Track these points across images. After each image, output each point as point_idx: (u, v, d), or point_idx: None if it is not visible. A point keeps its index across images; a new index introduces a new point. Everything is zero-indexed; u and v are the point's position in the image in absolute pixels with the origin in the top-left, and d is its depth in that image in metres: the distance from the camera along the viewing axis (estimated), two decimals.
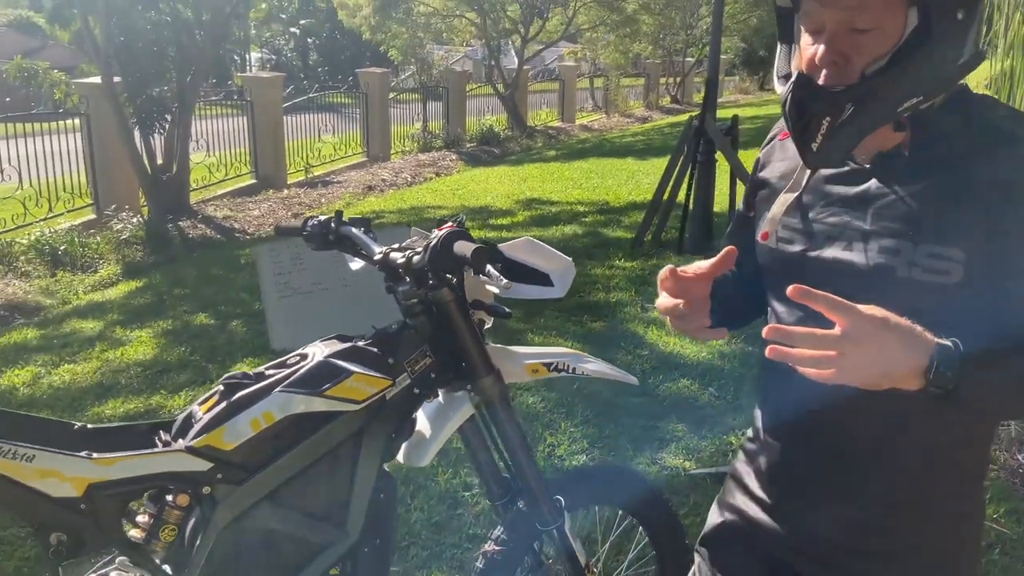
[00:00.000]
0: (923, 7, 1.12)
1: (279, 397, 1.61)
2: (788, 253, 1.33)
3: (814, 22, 1.20)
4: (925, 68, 1.15)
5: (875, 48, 1.16)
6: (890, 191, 1.22)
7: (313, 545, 1.66)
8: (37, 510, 1.48)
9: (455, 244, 1.57)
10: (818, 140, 1.20)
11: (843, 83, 1.18)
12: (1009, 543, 2.93)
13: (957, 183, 1.17)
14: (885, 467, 1.30)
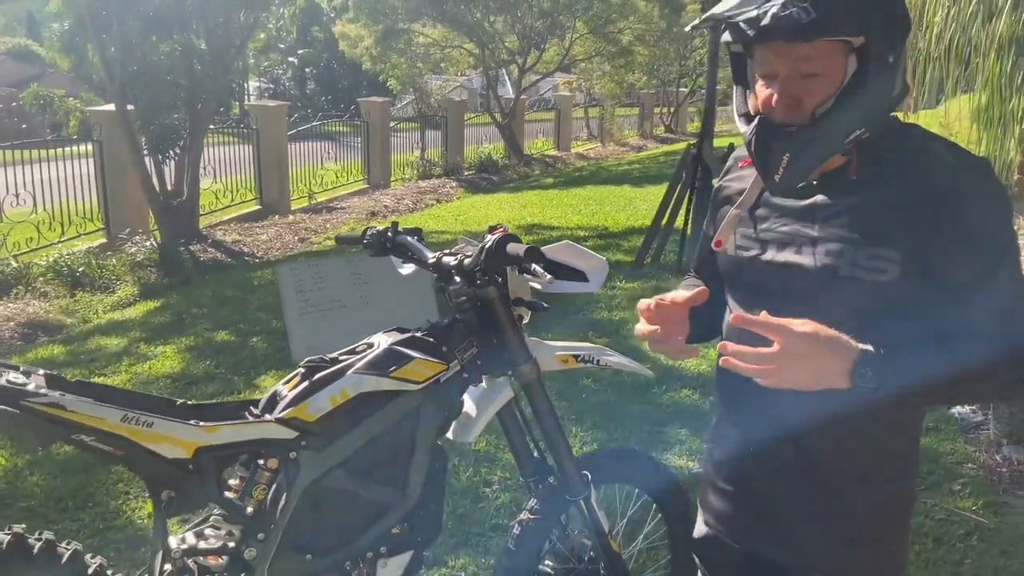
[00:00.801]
0: (860, 54, 1.37)
1: (353, 377, 1.89)
2: (746, 258, 1.56)
3: (768, 68, 1.43)
4: (865, 104, 1.39)
5: (822, 91, 1.39)
6: (835, 204, 1.46)
7: (380, 506, 1.93)
8: (153, 469, 1.75)
9: (508, 245, 1.86)
10: (780, 172, 1.43)
11: (797, 122, 1.41)
12: (986, 531, 3.21)
13: (894, 196, 1.41)
14: (831, 451, 1.53)
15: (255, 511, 1.85)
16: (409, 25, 18.56)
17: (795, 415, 1.52)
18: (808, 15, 1.31)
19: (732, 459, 1.67)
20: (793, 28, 1.32)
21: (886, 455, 1.55)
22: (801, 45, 1.36)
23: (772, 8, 1.33)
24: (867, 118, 1.41)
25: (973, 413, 4.26)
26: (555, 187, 14.55)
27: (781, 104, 1.41)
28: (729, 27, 1.43)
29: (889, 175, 1.43)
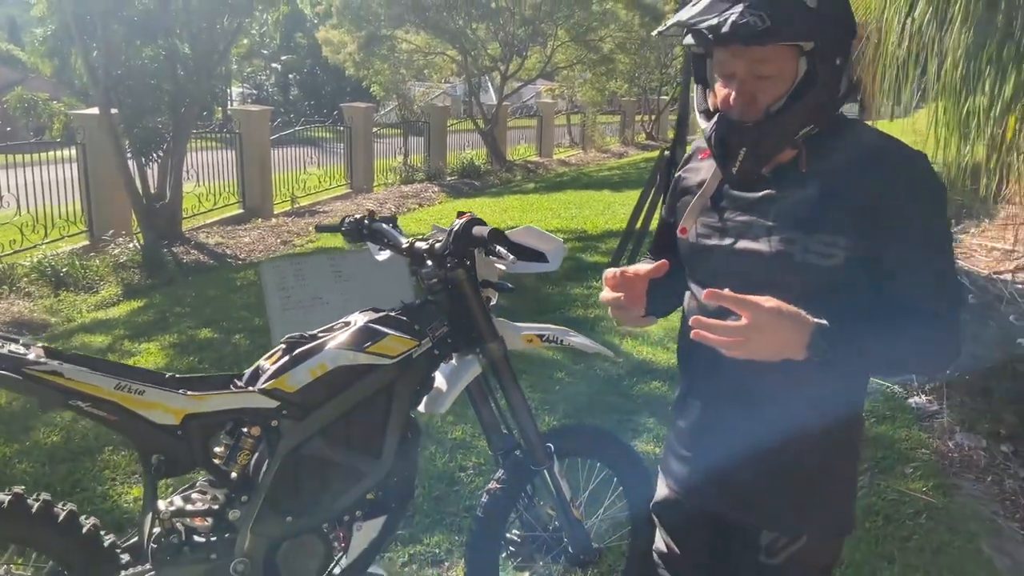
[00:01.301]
0: (810, 58, 1.53)
1: (331, 352, 2.03)
2: (707, 245, 1.72)
3: (726, 69, 1.58)
4: (814, 103, 1.55)
5: (776, 90, 1.55)
6: (787, 195, 1.61)
7: (355, 472, 2.07)
8: (143, 435, 1.89)
9: (474, 228, 2.02)
10: (737, 164, 1.59)
11: (752, 119, 1.56)
12: (934, 511, 3.38)
13: (841, 187, 1.57)
14: (782, 417, 1.67)
15: (239, 475, 1.99)
16: (392, 31, 18.70)
17: (750, 387, 1.68)
18: (763, 23, 1.46)
19: (692, 427, 1.84)
20: (750, 35, 1.47)
21: (832, 422, 1.70)
22: (756, 49, 1.52)
23: (731, 16, 1.48)
24: (815, 115, 1.57)
25: (929, 403, 4.45)
26: (536, 192, 14.73)
27: (738, 102, 1.56)
28: (692, 32, 1.57)
29: (835, 167, 1.59)
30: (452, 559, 3.06)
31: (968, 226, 7.89)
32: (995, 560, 3.11)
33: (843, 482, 1.77)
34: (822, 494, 1.73)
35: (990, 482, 3.72)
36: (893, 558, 3.07)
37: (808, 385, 1.64)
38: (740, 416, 1.72)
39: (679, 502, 1.89)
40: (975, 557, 3.10)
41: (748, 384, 1.69)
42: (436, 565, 3.05)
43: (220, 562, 1.97)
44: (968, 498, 3.55)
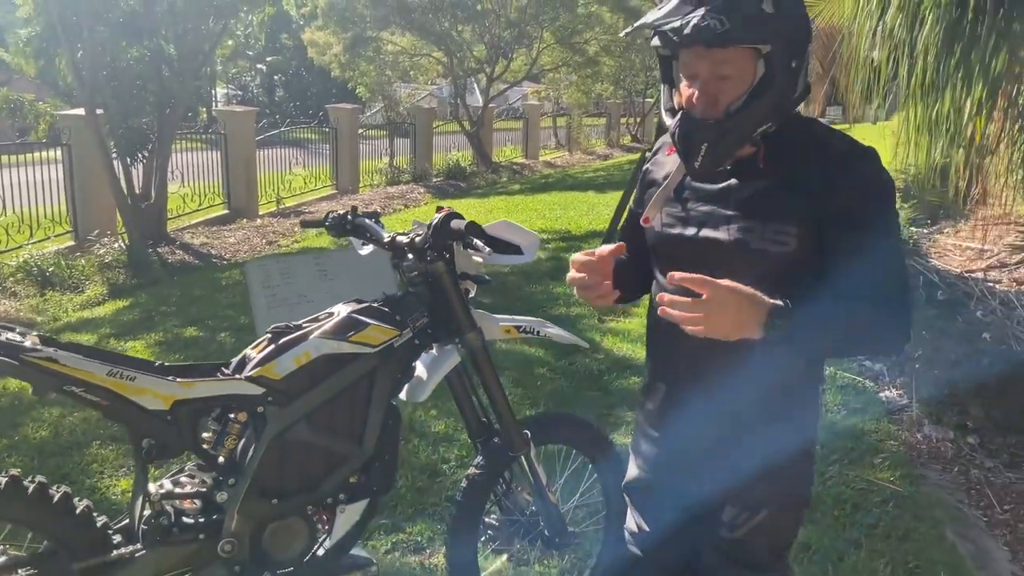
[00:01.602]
0: (768, 60, 1.63)
1: (315, 341, 2.12)
2: (671, 234, 1.83)
3: (690, 70, 1.69)
4: (771, 103, 1.65)
5: (736, 90, 1.66)
6: (745, 187, 1.72)
7: (338, 456, 2.16)
8: (135, 419, 1.97)
9: (452, 221, 2.11)
10: (699, 159, 1.69)
11: (714, 117, 1.67)
12: (901, 499, 3.49)
13: (794, 179, 1.67)
14: (742, 399, 1.78)
15: (226, 459, 2.08)
16: (378, 33, 18.77)
17: (713, 372, 1.79)
18: (723, 26, 1.56)
19: (659, 410, 1.94)
20: (710, 37, 1.58)
21: (789, 404, 1.81)
22: (717, 51, 1.62)
23: (693, 20, 1.58)
24: (772, 114, 1.67)
25: (898, 397, 4.57)
26: (521, 193, 14.83)
27: (701, 101, 1.67)
28: (657, 34, 1.67)
29: (791, 162, 1.70)
30: (434, 547, 3.15)
31: (943, 226, 8.04)
32: (959, 546, 3.22)
33: (800, 460, 1.86)
34: (780, 471, 1.82)
35: (956, 472, 3.85)
36: (860, 544, 3.17)
37: (767, 369, 1.74)
38: (703, 398, 1.83)
39: (648, 481, 1.99)
40: (939, 543, 3.21)
41: (711, 368, 1.80)
42: (418, 553, 3.13)
43: (208, 542, 2.05)
44: (934, 487, 3.66)
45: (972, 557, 3.17)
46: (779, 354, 1.69)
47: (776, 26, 1.61)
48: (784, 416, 1.81)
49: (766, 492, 1.82)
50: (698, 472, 1.88)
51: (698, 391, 1.84)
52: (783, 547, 1.93)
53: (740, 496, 1.84)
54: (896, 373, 4.85)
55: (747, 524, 1.84)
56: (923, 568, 3.05)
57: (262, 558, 2.11)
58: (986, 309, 5.24)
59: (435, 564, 3.05)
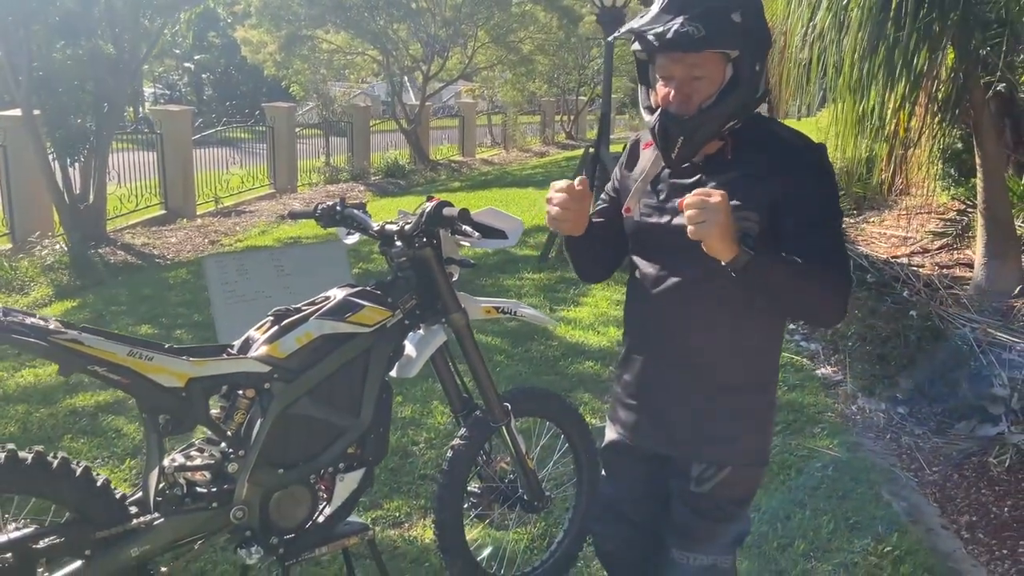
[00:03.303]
0: (735, 64, 1.87)
1: (315, 322, 2.28)
2: (648, 223, 2.05)
3: (667, 72, 1.92)
4: (738, 101, 1.89)
5: (707, 90, 1.89)
6: (714, 179, 1.95)
7: (338, 428, 2.33)
8: (152, 396, 2.11)
9: (444, 209, 2.30)
10: (675, 151, 1.93)
11: (688, 114, 1.90)
12: (840, 464, 3.80)
13: (755, 170, 1.91)
14: (709, 368, 2.02)
15: (235, 433, 2.23)
16: (313, 31, 18.73)
17: (682, 344, 2.04)
18: (699, 32, 1.80)
19: (635, 379, 2.17)
20: (688, 41, 1.81)
21: (751, 371, 2.05)
22: (692, 55, 1.85)
23: (674, 26, 1.81)
24: (739, 111, 1.91)
25: (834, 373, 4.90)
26: (462, 190, 15.00)
27: (676, 99, 1.90)
28: (639, 39, 1.90)
29: (752, 155, 1.93)
30: (411, 520, 3.33)
31: (869, 216, 8.48)
32: (893, 504, 3.52)
33: (761, 422, 2.10)
34: (743, 432, 2.06)
35: (888, 439, 4.17)
36: (805, 504, 3.46)
37: (733, 344, 2.00)
38: (675, 369, 2.07)
39: (625, 444, 2.21)
40: (876, 502, 3.51)
41: (683, 342, 2.04)
42: (397, 527, 3.31)
43: (220, 510, 2.20)
44: (869, 453, 3.98)
45: (905, 513, 3.48)
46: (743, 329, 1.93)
47: (744, 34, 1.85)
48: (747, 385, 2.05)
49: (730, 451, 2.05)
50: (671, 434, 2.10)
51: (671, 364, 2.07)
52: (744, 500, 2.16)
53: (707, 455, 2.06)
54: (831, 351, 5.18)
55: (713, 479, 2.06)
56: (862, 523, 3.34)
57: (269, 524, 2.26)
58: (912, 290, 5.62)
59: (414, 536, 3.23)
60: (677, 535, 2.12)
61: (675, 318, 2.02)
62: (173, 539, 2.17)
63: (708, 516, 2.09)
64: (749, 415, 2.07)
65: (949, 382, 4.39)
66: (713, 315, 1.97)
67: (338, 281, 2.51)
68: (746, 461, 2.08)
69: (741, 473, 2.08)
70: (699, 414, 2.06)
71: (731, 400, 2.04)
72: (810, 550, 3.17)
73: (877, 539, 3.23)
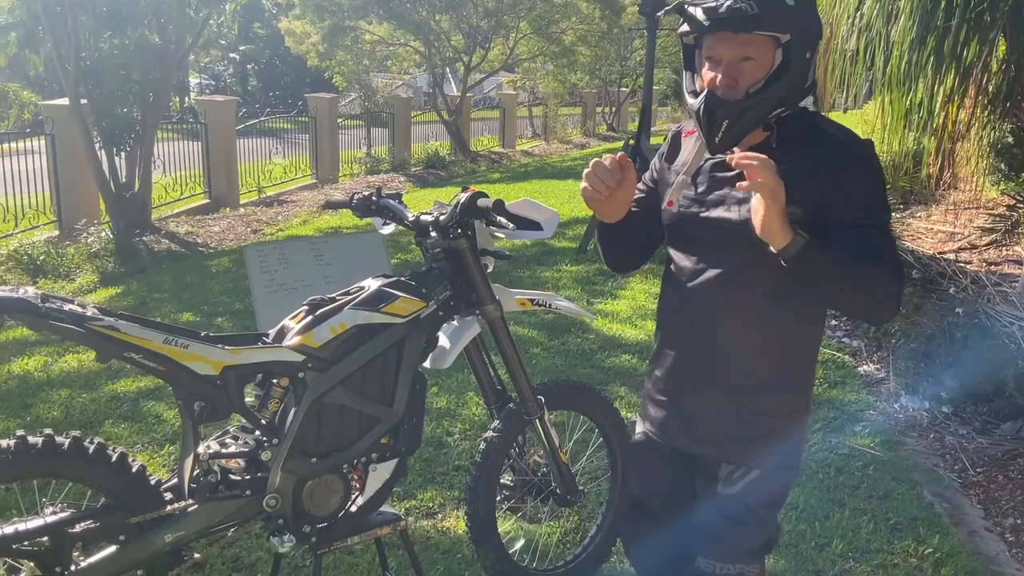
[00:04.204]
0: (785, 49, 1.82)
1: (349, 312, 2.28)
2: (688, 214, 2.01)
3: (714, 54, 1.87)
4: (786, 88, 1.84)
5: (755, 74, 1.84)
6: None
7: (371, 418, 2.33)
8: (188, 384, 2.12)
9: (479, 200, 2.28)
10: (719, 135, 1.88)
11: (734, 98, 1.84)
12: (881, 463, 3.72)
13: (800, 165, 1.84)
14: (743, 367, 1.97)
15: (269, 421, 2.24)
16: (356, 22, 18.81)
17: (716, 340, 1.99)
18: (753, 9, 1.76)
19: (666, 375, 2.14)
20: (740, 18, 1.77)
21: (785, 370, 2.00)
22: (742, 36, 1.80)
23: (727, 2, 1.78)
24: (786, 100, 1.86)
25: (876, 371, 4.81)
26: (502, 182, 14.99)
27: (723, 82, 1.85)
28: (688, 18, 1.85)
29: (798, 149, 1.88)
30: (444, 511, 3.33)
31: (916, 211, 8.31)
32: (935, 505, 3.45)
33: (793, 424, 2.04)
34: (774, 433, 2.00)
35: (932, 439, 4.09)
36: (844, 503, 3.40)
37: (768, 342, 1.95)
38: (706, 365, 2.03)
39: (654, 442, 2.18)
40: (917, 502, 3.44)
41: (716, 339, 2.00)
42: (430, 517, 3.31)
43: (254, 498, 2.21)
44: (911, 452, 3.90)
45: (948, 515, 3.40)
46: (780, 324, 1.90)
47: (796, 18, 1.80)
48: (781, 385, 1.99)
49: (760, 453, 2.00)
50: (699, 432, 2.06)
51: (703, 359, 2.03)
52: (774, 505, 2.10)
53: (735, 455, 2.02)
54: (874, 348, 5.09)
55: (741, 481, 2.02)
56: (903, 525, 3.27)
57: (302, 513, 2.27)
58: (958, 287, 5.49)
59: (447, 527, 3.23)
60: (703, 541, 2.08)
61: (708, 313, 1.98)
62: (207, 526, 2.18)
63: (735, 520, 2.04)
64: (781, 416, 2.01)
65: (995, 381, 4.29)
66: (747, 311, 1.92)
67: (377, 271, 2.51)
68: (776, 464, 2.03)
69: (770, 476, 2.03)
70: (729, 413, 2.01)
71: (763, 399, 1.99)
72: (848, 550, 3.11)
73: (918, 540, 3.16)
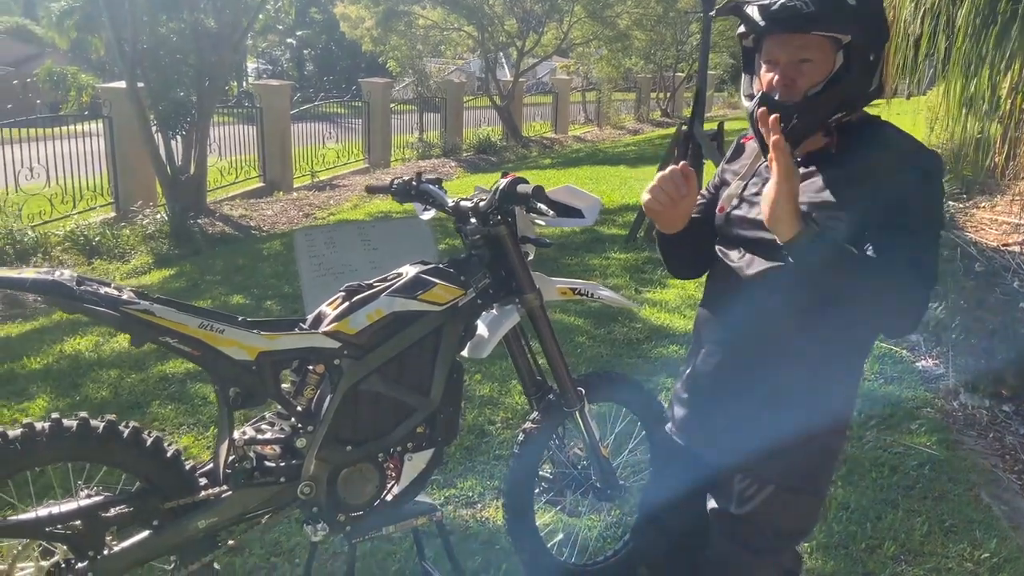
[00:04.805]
0: (847, 51, 1.72)
1: (386, 299, 2.24)
2: (736, 215, 1.93)
3: (772, 56, 1.78)
4: (847, 92, 1.74)
5: (814, 77, 1.74)
6: (810, 176, 1.81)
7: (407, 407, 2.29)
8: (223, 369, 2.11)
9: (518, 186, 2.22)
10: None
11: (792, 100, 1.75)
12: (937, 463, 3.59)
13: (856, 173, 1.75)
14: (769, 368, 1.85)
15: (304, 408, 2.21)
16: (410, 7, 18.81)
17: (748, 347, 1.89)
18: (808, 7, 1.68)
19: (692, 373, 2.06)
20: (795, 17, 1.68)
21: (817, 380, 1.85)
22: (799, 36, 1.72)
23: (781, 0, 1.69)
24: (847, 104, 1.76)
25: (935, 366, 4.65)
26: (552, 167, 14.89)
27: (780, 84, 1.76)
28: (743, 17, 1.77)
29: (859, 156, 1.78)
30: (484, 501, 3.29)
31: (979, 201, 8.04)
32: (993, 507, 3.31)
33: (819, 441, 1.89)
34: (793, 452, 1.86)
35: (991, 438, 3.93)
36: (897, 504, 3.28)
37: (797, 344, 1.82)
38: (732, 366, 1.93)
39: (675, 446, 2.11)
40: (974, 504, 3.31)
41: (743, 337, 1.89)
42: (470, 507, 3.27)
43: (288, 485, 2.19)
44: (970, 452, 3.75)
45: (1007, 517, 3.26)
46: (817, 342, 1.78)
47: (858, 18, 1.70)
48: (810, 396, 1.85)
49: (776, 469, 1.87)
50: (715, 436, 1.97)
51: (730, 360, 1.93)
52: (792, 534, 1.97)
53: (751, 468, 1.91)
54: (933, 343, 4.92)
55: (754, 499, 1.89)
56: (959, 527, 3.15)
57: (336, 501, 2.25)
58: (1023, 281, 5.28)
59: (486, 516, 3.19)
60: (715, 566, 1.98)
61: (741, 313, 1.87)
62: (241, 512, 2.17)
63: (748, 546, 1.93)
64: (806, 431, 1.86)
65: None
66: (782, 315, 1.80)
67: (424, 256, 2.46)
68: (794, 483, 1.89)
69: (786, 498, 1.89)
70: (749, 419, 1.89)
71: (788, 410, 1.85)
72: (901, 552, 3.00)
73: (974, 544, 3.04)
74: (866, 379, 4.41)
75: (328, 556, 2.92)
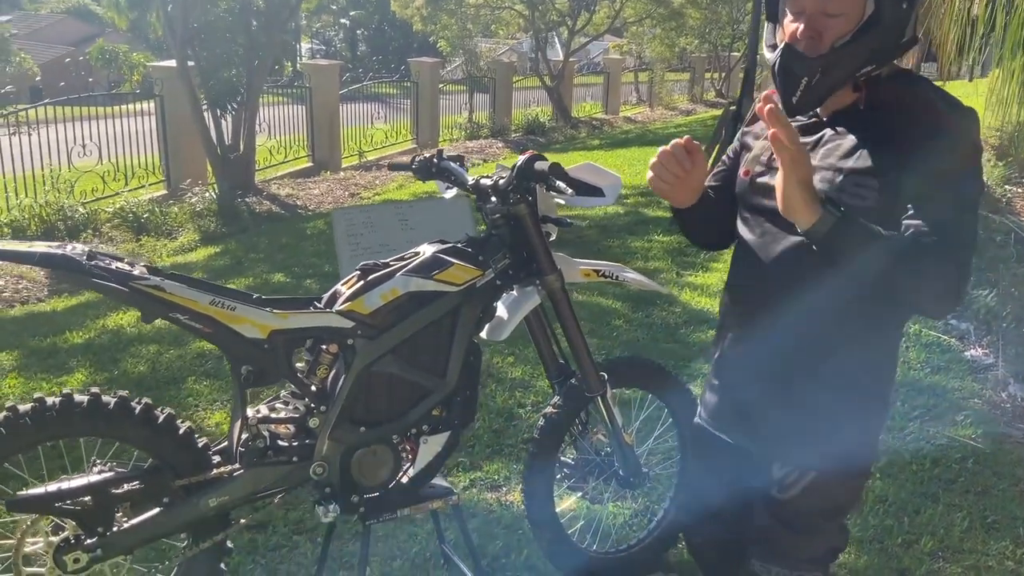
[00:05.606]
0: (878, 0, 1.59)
1: (401, 279, 2.20)
2: (759, 183, 1.82)
3: (797, 5, 1.66)
4: (877, 44, 1.61)
5: (841, 28, 1.62)
6: (837, 137, 1.69)
7: (422, 388, 2.25)
8: (234, 347, 2.08)
9: (536, 162, 2.16)
10: (797, 94, 1.66)
11: (817, 53, 1.63)
12: (982, 456, 3.45)
13: (888, 133, 1.63)
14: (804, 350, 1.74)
15: (318, 388, 2.19)
16: None
17: (778, 328, 1.77)
18: None
19: (722, 357, 1.97)
20: None
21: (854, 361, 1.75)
22: None
23: None
24: (877, 56, 1.63)
25: (984, 356, 4.47)
26: (600, 148, 14.74)
27: (805, 35, 1.64)
28: None
29: (890, 115, 1.65)
30: (510, 485, 3.25)
31: None
32: None
33: (861, 423, 1.80)
34: (836, 432, 1.77)
35: None
36: (937, 498, 3.16)
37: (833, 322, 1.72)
38: (764, 348, 1.81)
39: (709, 432, 2.01)
40: (1019, 500, 3.17)
41: (776, 324, 1.78)
42: (495, 490, 3.24)
43: (301, 465, 2.17)
44: (1017, 446, 3.60)
45: None
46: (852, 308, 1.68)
47: None
48: (848, 378, 1.75)
49: (816, 455, 1.78)
50: (752, 425, 1.88)
51: (761, 342, 1.82)
52: (836, 513, 1.89)
53: (790, 455, 1.82)
54: (983, 332, 4.74)
55: (796, 485, 1.81)
56: (1002, 523, 3.02)
57: (350, 482, 2.22)
58: None
59: (511, 500, 3.15)
60: (758, 542, 1.90)
61: (771, 291, 1.77)
62: (252, 491, 2.15)
63: (792, 527, 1.84)
64: (846, 413, 1.77)
65: None
66: (815, 291, 1.68)
67: (462, 236, 2.40)
68: (837, 467, 1.79)
69: (831, 481, 1.80)
70: (786, 405, 1.80)
71: (826, 393, 1.76)
72: (939, 549, 2.89)
73: (1016, 542, 2.91)
74: (912, 368, 4.27)
75: (349, 537, 2.90)
